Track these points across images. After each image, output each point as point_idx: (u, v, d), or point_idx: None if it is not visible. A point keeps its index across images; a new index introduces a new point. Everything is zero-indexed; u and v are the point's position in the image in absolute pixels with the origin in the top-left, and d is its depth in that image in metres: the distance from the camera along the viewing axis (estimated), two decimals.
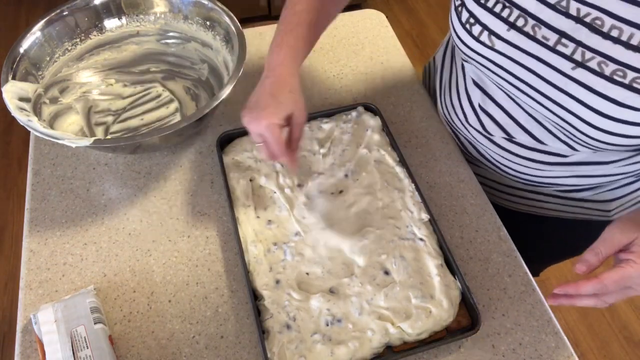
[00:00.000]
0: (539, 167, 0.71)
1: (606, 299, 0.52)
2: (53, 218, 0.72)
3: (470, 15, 0.61)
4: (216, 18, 0.81)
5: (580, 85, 0.55)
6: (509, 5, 0.57)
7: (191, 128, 0.73)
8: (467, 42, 0.63)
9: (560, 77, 0.56)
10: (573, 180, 0.72)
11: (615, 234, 0.53)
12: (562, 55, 0.55)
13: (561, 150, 0.67)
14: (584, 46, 0.53)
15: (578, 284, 0.52)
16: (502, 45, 0.59)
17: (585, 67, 0.54)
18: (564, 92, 0.57)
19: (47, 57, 0.78)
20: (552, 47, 0.56)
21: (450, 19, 0.66)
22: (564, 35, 0.54)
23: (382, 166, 0.75)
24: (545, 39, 0.56)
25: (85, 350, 0.57)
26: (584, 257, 0.53)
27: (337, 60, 0.95)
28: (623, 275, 0.51)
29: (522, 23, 0.57)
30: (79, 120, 0.80)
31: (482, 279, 0.68)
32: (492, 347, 0.63)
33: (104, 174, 0.77)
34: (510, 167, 0.75)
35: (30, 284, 0.66)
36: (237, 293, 0.66)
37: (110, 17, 0.83)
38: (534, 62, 0.58)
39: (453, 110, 0.78)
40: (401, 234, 0.68)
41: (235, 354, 0.61)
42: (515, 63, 0.59)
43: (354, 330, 0.61)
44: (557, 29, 0.55)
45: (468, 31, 0.62)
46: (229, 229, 0.72)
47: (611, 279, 0.51)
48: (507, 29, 0.58)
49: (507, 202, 0.84)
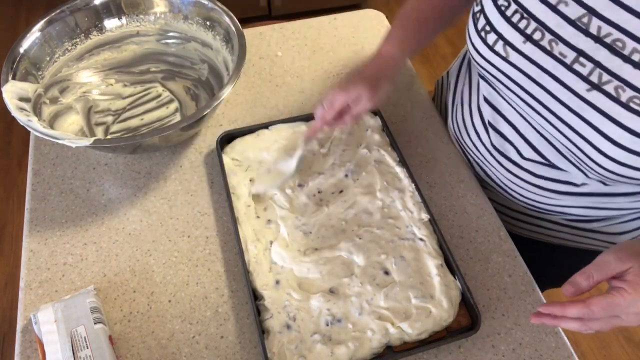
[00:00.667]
0: (549, 195, 0.69)
1: (592, 324, 0.50)
2: (53, 218, 0.72)
3: (487, 23, 0.59)
4: (216, 18, 0.81)
5: (594, 108, 0.52)
6: (527, 17, 0.55)
7: (191, 128, 0.73)
8: (480, 50, 0.61)
9: (573, 98, 0.54)
10: (583, 211, 0.71)
11: (610, 260, 0.50)
12: (578, 74, 0.53)
13: (573, 176, 0.65)
14: (602, 67, 0.51)
15: (564, 305, 0.50)
16: (517, 58, 0.57)
17: (601, 90, 0.51)
18: (576, 114, 0.54)
19: (47, 57, 0.78)
20: (569, 65, 0.53)
21: (467, 26, 0.64)
22: (582, 54, 0.52)
23: (382, 166, 0.75)
24: (562, 55, 0.53)
25: (85, 350, 0.57)
26: (574, 278, 0.51)
27: (337, 60, 0.95)
28: (612, 303, 0.48)
29: (539, 37, 0.54)
30: (79, 120, 0.80)
31: (482, 279, 0.68)
32: (492, 347, 0.63)
33: (104, 174, 0.77)
34: (519, 192, 0.73)
35: (30, 284, 0.66)
36: (237, 293, 0.66)
37: (110, 17, 0.83)
38: (548, 79, 0.55)
39: (464, 128, 0.77)
40: (401, 234, 0.68)
41: (235, 354, 0.61)
42: (528, 78, 0.57)
43: (354, 330, 0.61)
44: (575, 47, 0.52)
45: (483, 39, 0.60)
46: (229, 229, 0.72)
47: (599, 305, 0.48)
48: (523, 41, 0.56)
49: (515, 227, 0.83)
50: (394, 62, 0.69)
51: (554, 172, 0.66)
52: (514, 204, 0.78)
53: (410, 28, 0.71)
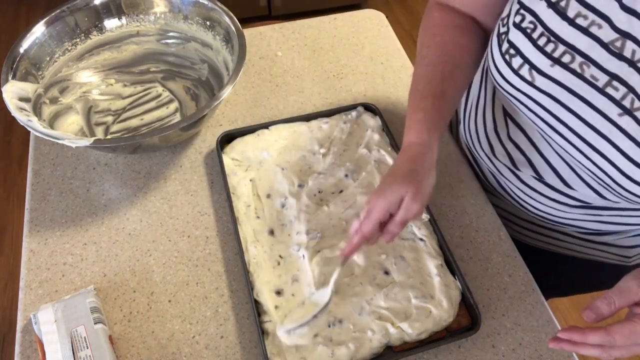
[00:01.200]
0: (562, 208, 0.68)
1: (612, 352, 0.48)
2: (53, 218, 0.72)
3: (511, 46, 0.56)
4: (216, 18, 0.81)
5: (624, 134, 0.50)
6: (554, 40, 0.52)
7: (191, 128, 0.73)
8: (505, 74, 0.57)
9: (605, 123, 0.51)
10: (595, 225, 0.69)
11: (632, 286, 0.49)
12: (610, 98, 0.50)
13: (588, 198, 0.63)
14: (635, 93, 0.48)
15: (585, 332, 0.49)
16: (544, 82, 0.54)
17: (633, 117, 0.49)
18: (606, 139, 0.52)
19: (47, 57, 0.78)
20: (602, 88, 0.50)
21: (490, 46, 0.61)
22: (616, 78, 0.49)
23: (382, 166, 0.75)
24: (594, 78, 0.50)
25: (85, 350, 0.57)
26: (595, 304, 0.50)
27: (337, 60, 0.95)
28: (634, 331, 0.47)
29: (569, 60, 0.52)
30: (79, 120, 0.80)
31: (482, 279, 0.68)
32: (492, 347, 0.63)
33: (104, 174, 0.77)
34: (531, 204, 0.71)
35: (30, 284, 0.66)
36: (237, 293, 0.66)
37: (110, 17, 0.83)
38: (578, 102, 0.53)
39: (477, 137, 0.74)
40: (401, 234, 0.68)
41: (235, 354, 0.61)
42: (556, 102, 0.54)
43: (354, 330, 0.61)
44: (608, 70, 0.50)
45: (507, 62, 0.56)
46: (229, 229, 0.72)
47: (621, 333, 0.47)
48: (550, 64, 0.53)
49: (523, 236, 0.81)
50: (425, 148, 0.59)
51: (570, 191, 0.65)
52: (524, 214, 0.76)
53: (429, 106, 0.62)
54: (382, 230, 0.57)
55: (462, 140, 0.82)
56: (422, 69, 0.64)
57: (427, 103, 0.61)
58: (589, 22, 0.50)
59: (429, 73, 0.63)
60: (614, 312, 0.49)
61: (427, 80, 0.63)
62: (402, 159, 0.59)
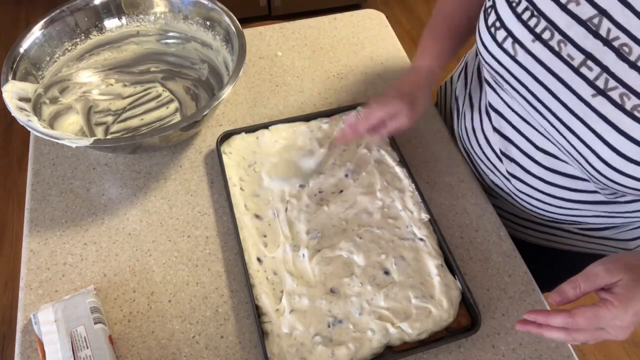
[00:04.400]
0: (561, 204, 0.68)
1: (576, 335, 0.49)
2: (53, 218, 0.72)
3: (497, 19, 0.58)
4: (216, 18, 0.81)
5: (598, 115, 0.51)
6: (537, 15, 0.54)
7: (191, 128, 0.73)
8: (489, 47, 0.60)
9: (578, 103, 0.53)
10: (594, 220, 0.70)
11: (599, 271, 0.49)
12: (584, 78, 0.51)
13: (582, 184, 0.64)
14: (609, 73, 0.50)
15: (549, 313, 0.50)
16: (524, 57, 0.56)
17: (606, 97, 0.50)
18: (580, 119, 0.53)
19: (47, 57, 0.78)
20: (576, 68, 0.52)
21: (477, 22, 0.63)
22: (590, 57, 0.51)
23: (382, 166, 0.75)
24: (570, 57, 0.52)
25: (85, 350, 0.57)
26: (561, 287, 0.50)
27: (337, 60, 0.95)
28: (596, 314, 0.47)
29: (548, 36, 0.53)
30: (79, 120, 0.80)
31: (482, 279, 0.68)
32: (492, 347, 0.63)
33: (104, 174, 0.77)
34: (529, 202, 0.72)
35: (30, 284, 0.66)
36: (237, 293, 0.66)
37: (110, 17, 0.83)
38: (554, 81, 0.54)
39: (474, 135, 0.76)
40: (401, 234, 0.68)
41: (235, 354, 0.61)
42: (534, 79, 0.56)
43: (355, 330, 0.61)
44: (584, 49, 0.51)
45: (492, 35, 0.59)
46: (229, 229, 0.72)
47: (584, 315, 0.48)
48: (532, 40, 0.55)
49: (523, 234, 0.82)
50: (431, 75, 0.69)
51: (566, 180, 0.65)
52: (524, 213, 0.77)
53: (442, 38, 0.72)
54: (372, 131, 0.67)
55: (458, 142, 0.82)
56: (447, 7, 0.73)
57: (441, 34, 0.72)
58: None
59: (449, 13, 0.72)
60: (579, 295, 0.50)
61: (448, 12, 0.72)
62: (409, 78, 0.69)
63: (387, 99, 0.65)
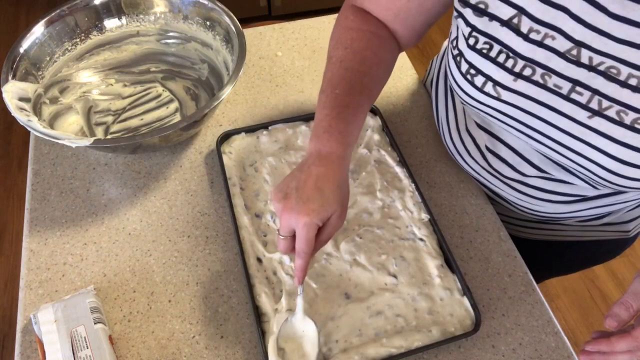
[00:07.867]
0: (559, 206, 0.68)
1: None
2: (53, 218, 0.72)
3: (470, 66, 0.56)
4: (216, 18, 0.81)
5: (597, 133, 0.51)
6: (512, 56, 0.52)
7: (191, 128, 0.73)
8: (469, 92, 0.58)
9: (576, 126, 0.52)
10: (592, 211, 0.70)
11: None
12: (576, 103, 0.51)
13: (581, 189, 0.64)
14: (601, 95, 0.49)
15: (611, 341, 0.50)
16: (510, 96, 0.55)
17: (602, 116, 0.50)
18: (581, 140, 0.53)
19: (47, 57, 0.78)
20: (566, 95, 0.51)
21: (447, 65, 0.60)
22: (578, 84, 0.50)
23: (382, 166, 0.75)
24: (557, 87, 0.51)
25: (85, 350, 0.57)
26: (613, 311, 0.51)
27: None
28: None
29: (530, 72, 0.52)
30: (79, 120, 0.80)
31: (482, 279, 0.68)
32: (492, 347, 0.63)
33: (104, 174, 0.77)
34: (526, 206, 0.72)
35: (30, 284, 0.66)
36: (237, 293, 0.66)
37: (110, 17, 0.83)
38: (547, 111, 0.53)
39: (458, 153, 0.74)
40: (401, 234, 0.68)
41: (235, 354, 0.61)
42: (525, 113, 0.55)
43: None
44: (570, 77, 0.50)
45: (470, 82, 0.57)
46: (229, 229, 0.72)
47: None
48: (513, 79, 0.53)
49: (522, 233, 0.82)
50: (344, 161, 0.57)
51: (562, 186, 0.65)
52: (521, 215, 0.77)
53: (350, 116, 0.58)
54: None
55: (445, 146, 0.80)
56: (341, 72, 0.60)
57: (348, 112, 0.58)
58: (542, 36, 0.50)
59: (347, 77, 0.60)
60: (632, 315, 0.51)
61: (348, 85, 0.59)
62: (327, 173, 0.55)
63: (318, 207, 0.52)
